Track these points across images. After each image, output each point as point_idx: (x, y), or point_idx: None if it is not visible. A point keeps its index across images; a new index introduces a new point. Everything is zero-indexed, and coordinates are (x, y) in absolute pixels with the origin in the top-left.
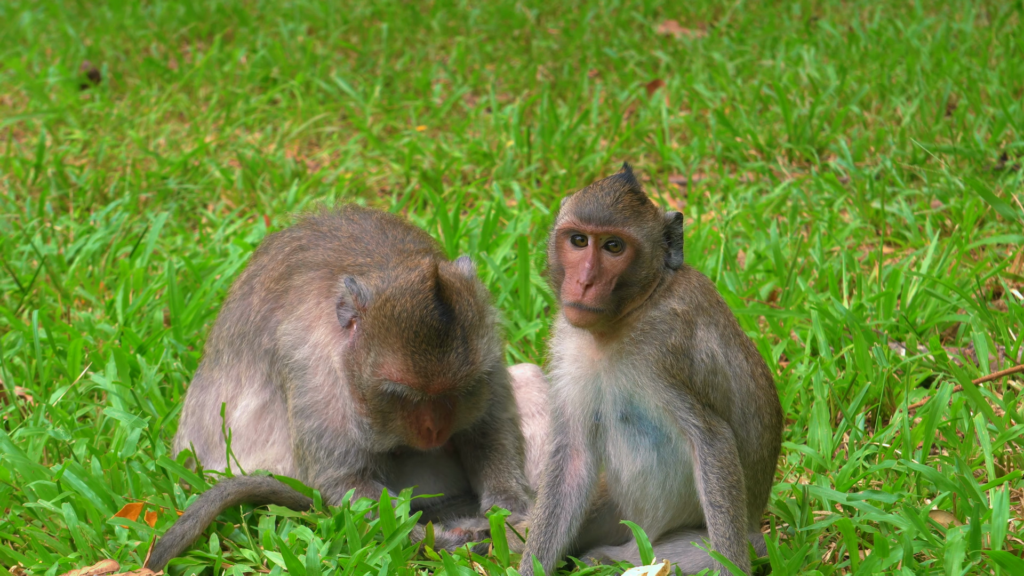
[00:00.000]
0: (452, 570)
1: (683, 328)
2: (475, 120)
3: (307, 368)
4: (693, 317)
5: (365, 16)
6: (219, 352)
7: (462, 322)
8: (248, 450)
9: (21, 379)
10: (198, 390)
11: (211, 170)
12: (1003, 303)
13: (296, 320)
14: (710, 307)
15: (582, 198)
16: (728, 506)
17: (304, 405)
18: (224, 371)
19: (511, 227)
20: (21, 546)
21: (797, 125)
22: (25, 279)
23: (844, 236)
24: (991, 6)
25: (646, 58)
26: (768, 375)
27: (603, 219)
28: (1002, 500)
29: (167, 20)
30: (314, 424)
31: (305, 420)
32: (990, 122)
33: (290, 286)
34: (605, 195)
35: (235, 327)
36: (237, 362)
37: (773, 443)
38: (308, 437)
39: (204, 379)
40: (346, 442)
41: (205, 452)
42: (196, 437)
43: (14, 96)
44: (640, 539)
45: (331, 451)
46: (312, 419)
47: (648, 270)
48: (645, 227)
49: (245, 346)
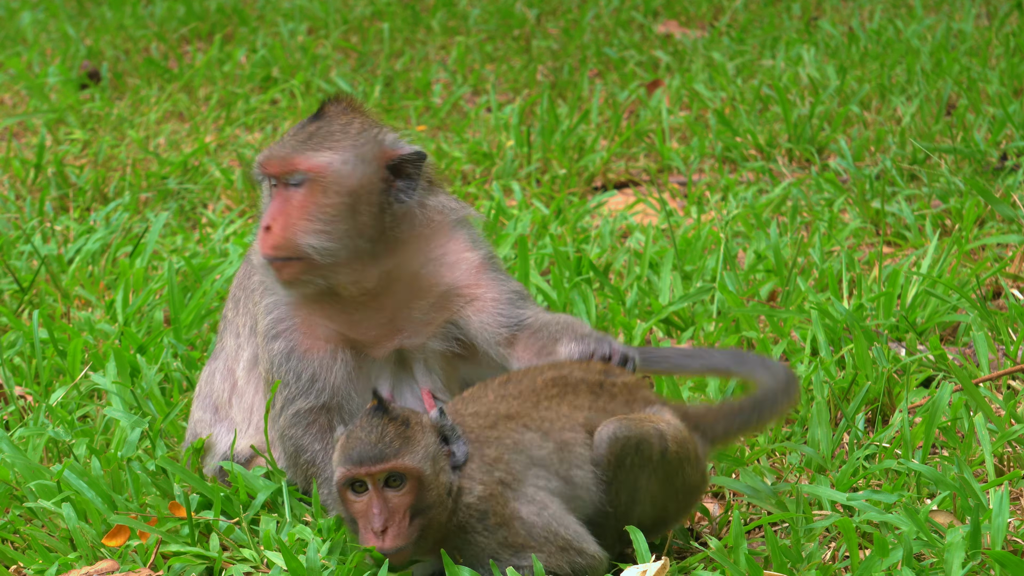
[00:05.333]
0: (452, 570)
1: (495, 512)
2: (475, 120)
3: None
4: (495, 490)
5: (365, 16)
6: (225, 316)
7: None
8: (259, 406)
9: (21, 379)
10: (209, 363)
11: (211, 170)
12: (1003, 303)
13: None
14: (495, 459)
15: (346, 444)
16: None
17: (271, 324)
18: (229, 329)
19: (511, 227)
20: (21, 546)
21: (797, 125)
22: (25, 279)
23: (844, 236)
24: (991, 6)
25: (646, 58)
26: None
27: (375, 457)
28: (1002, 500)
29: (167, 20)
30: (282, 344)
31: (274, 341)
32: (990, 122)
33: None
34: (368, 434)
35: (237, 281)
36: (236, 314)
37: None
38: (279, 359)
39: (215, 352)
40: (312, 364)
41: (215, 420)
42: (207, 406)
43: (14, 96)
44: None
45: (299, 374)
46: (280, 339)
47: (437, 490)
48: (419, 449)
49: (241, 292)
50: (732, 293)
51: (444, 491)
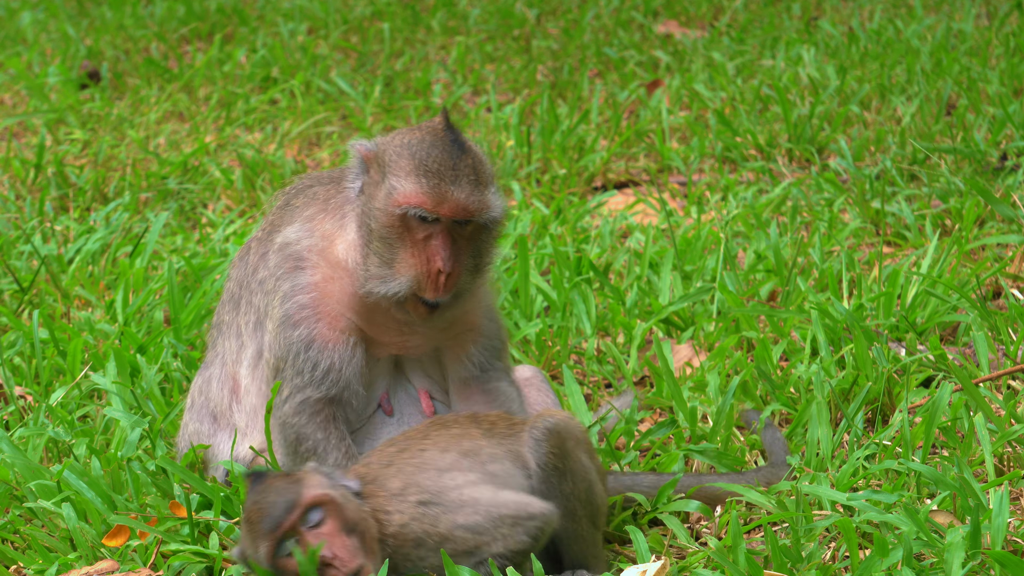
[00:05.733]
0: (452, 570)
1: (430, 533)
2: (475, 120)
3: (302, 263)
4: (417, 513)
5: (365, 16)
6: (220, 322)
7: (473, 156)
8: (263, 405)
9: (21, 379)
10: (201, 372)
11: (211, 170)
12: (1003, 303)
13: (301, 223)
14: (404, 487)
15: (251, 522)
16: None
17: (292, 311)
18: (227, 333)
19: (511, 227)
20: (21, 546)
21: (797, 125)
22: (25, 279)
23: (844, 236)
24: (991, 6)
25: (646, 58)
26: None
27: (289, 505)
28: (1002, 500)
29: (167, 20)
30: (302, 333)
31: (292, 329)
32: (990, 122)
33: (291, 208)
34: (265, 498)
35: (234, 283)
36: (236, 315)
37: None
38: (296, 347)
39: (207, 361)
40: (332, 356)
41: (215, 429)
42: (204, 417)
43: (14, 96)
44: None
45: (316, 364)
46: (300, 327)
47: (353, 506)
48: (314, 485)
49: (242, 291)
50: (732, 293)
51: (361, 512)
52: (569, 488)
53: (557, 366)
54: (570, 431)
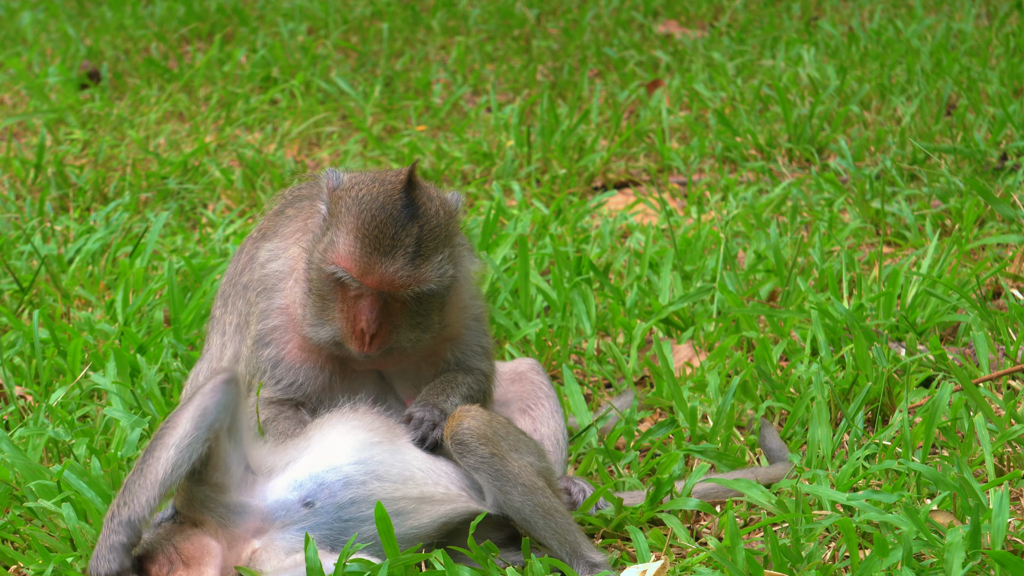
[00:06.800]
0: (452, 570)
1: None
2: (475, 120)
3: (276, 284)
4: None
5: (365, 16)
6: (212, 316)
7: (423, 224)
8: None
9: (21, 379)
10: (196, 365)
11: (211, 170)
12: (1003, 303)
13: (280, 239)
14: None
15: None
16: None
17: (265, 332)
18: (216, 328)
19: (511, 227)
20: (21, 546)
21: (797, 125)
22: (25, 279)
23: (844, 236)
24: (991, 6)
25: (646, 58)
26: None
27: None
28: (1002, 500)
29: (167, 20)
30: (271, 352)
31: (264, 348)
32: (990, 122)
33: (282, 217)
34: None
35: (226, 279)
36: (224, 312)
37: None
38: (264, 365)
39: (202, 353)
40: (297, 375)
41: None
42: None
43: (14, 96)
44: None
45: (279, 380)
46: (270, 347)
47: None
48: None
49: (231, 288)
50: (732, 293)
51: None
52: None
53: (557, 366)
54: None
